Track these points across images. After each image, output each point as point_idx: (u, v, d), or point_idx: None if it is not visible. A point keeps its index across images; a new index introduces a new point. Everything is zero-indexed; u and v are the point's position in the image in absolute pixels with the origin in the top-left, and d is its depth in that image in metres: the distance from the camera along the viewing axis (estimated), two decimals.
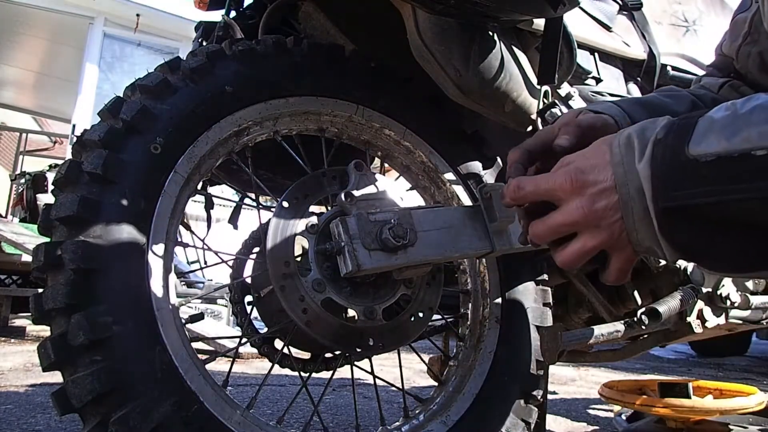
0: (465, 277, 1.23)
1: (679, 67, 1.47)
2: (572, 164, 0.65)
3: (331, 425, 1.90)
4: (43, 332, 4.05)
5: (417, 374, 3.09)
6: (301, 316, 0.95)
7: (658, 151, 0.58)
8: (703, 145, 0.56)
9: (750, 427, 1.60)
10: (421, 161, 1.20)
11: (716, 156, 0.55)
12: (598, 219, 0.62)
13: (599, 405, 2.54)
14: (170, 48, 6.84)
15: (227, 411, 0.89)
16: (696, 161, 0.56)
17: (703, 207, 0.56)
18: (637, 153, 0.59)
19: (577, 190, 0.63)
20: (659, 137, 0.59)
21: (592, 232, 0.63)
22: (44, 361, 0.81)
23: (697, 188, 0.56)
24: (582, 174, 0.63)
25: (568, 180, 0.63)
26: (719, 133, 0.55)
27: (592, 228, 0.63)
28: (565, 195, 0.64)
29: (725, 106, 0.58)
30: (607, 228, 0.62)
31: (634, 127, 0.62)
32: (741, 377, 3.75)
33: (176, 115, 0.93)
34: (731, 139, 0.54)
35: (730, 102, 0.58)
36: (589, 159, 0.64)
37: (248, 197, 1.40)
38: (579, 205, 0.62)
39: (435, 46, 1.03)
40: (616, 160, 0.61)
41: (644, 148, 0.59)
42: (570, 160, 0.66)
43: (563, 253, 0.66)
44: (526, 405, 1.14)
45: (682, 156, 0.57)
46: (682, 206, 0.57)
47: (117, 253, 0.84)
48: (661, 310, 1.23)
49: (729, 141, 0.54)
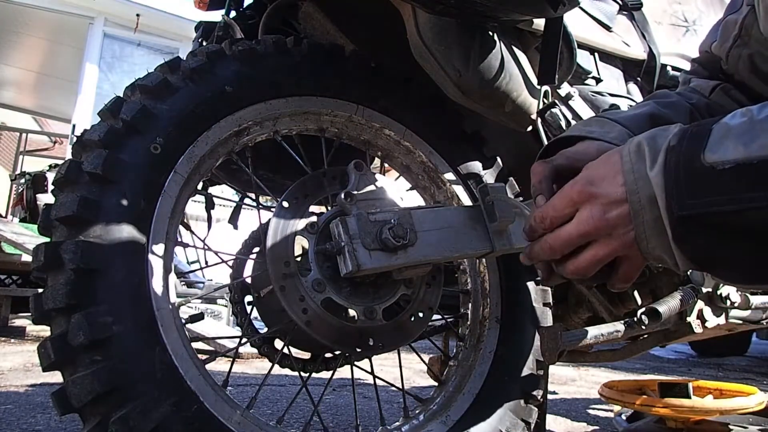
0: (465, 277, 1.23)
1: (679, 67, 1.46)
2: (583, 175, 0.64)
3: (331, 425, 1.90)
4: (43, 332, 4.05)
5: (417, 374, 3.09)
6: (301, 316, 0.95)
7: (672, 159, 0.57)
8: (720, 152, 0.54)
9: (750, 427, 1.60)
10: (421, 161, 1.20)
11: (735, 163, 0.53)
12: (610, 229, 0.61)
13: (599, 405, 2.54)
14: (170, 48, 6.84)
15: (227, 411, 0.89)
16: (713, 168, 0.54)
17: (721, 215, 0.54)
18: (648, 161, 0.59)
19: (589, 200, 0.62)
20: (672, 144, 0.58)
21: (605, 241, 0.62)
22: (44, 361, 0.81)
23: (714, 196, 0.54)
24: (592, 185, 0.63)
25: (579, 191, 0.63)
26: (736, 140, 0.54)
27: (604, 237, 0.62)
28: (576, 206, 0.64)
29: (741, 113, 0.57)
30: (619, 237, 0.61)
31: (644, 135, 0.62)
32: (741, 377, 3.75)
33: (176, 115, 0.93)
34: (749, 146, 0.53)
35: (746, 108, 0.57)
36: (600, 169, 0.63)
37: (248, 197, 1.40)
38: (590, 215, 0.62)
39: (435, 46, 1.03)
40: (626, 168, 0.60)
41: (656, 156, 0.58)
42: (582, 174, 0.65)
43: (575, 262, 0.66)
44: (526, 405, 1.14)
45: (697, 163, 0.55)
46: (698, 215, 0.55)
47: (117, 253, 0.84)
48: (661, 310, 1.23)
49: (747, 147, 0.53)
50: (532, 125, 1.20)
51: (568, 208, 0.65)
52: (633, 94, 1.37)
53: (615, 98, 1.29)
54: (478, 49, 1.04)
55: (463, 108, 1.16)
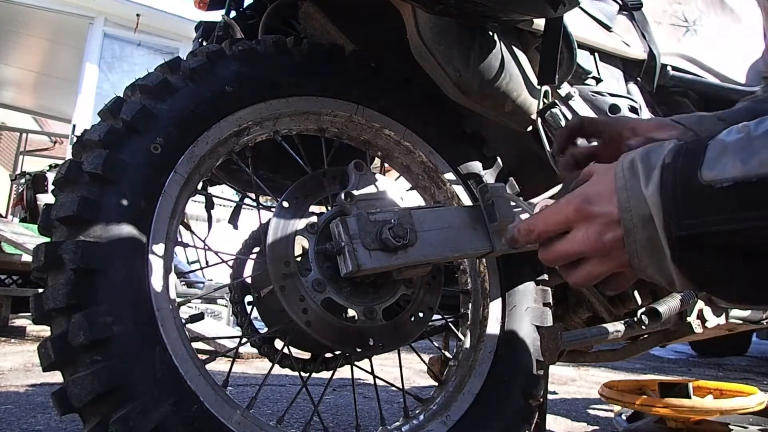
0: (465, 277, 1.23)
1: (679, 67, 1.46)
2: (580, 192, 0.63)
3: (331, 425, 1.90)
4: (44, 332, 4.05)
5: (417, 374, 3.09)
6: (301, 316, 0.95)
7: (668, 177, 0.55)
8: (717, 170, 0.53)
9: (750, 427, 1.60)
10: (421, 161, 1.20)
11: (733, 181, 0.52)
12: (606, 250, 0.61)
13: (599, 405, 2.54)
14: (170, 48, 6.84)
15: (227, 411, 0.89)
16: (711, 187, 0.53)
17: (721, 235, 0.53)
18: (642, 178, 0.57)
19: (584, 220, 0.61)
20: (667, 162, 0.56)
21: (601, 260, 0.62)
22: (44, 361, 0.81)
23: (713, 216, 0.53)
24: (589, 204, 0.61)
25: (576, 210, 0.62)
26: (734, 157, 0.53)
27: (599, 257, 0.62)
28: (572, 224, 0.63)
29: (737, 129, 0.55)
30: (616, 258, 0.61)
31: (638, 152, 0.60)
32: (741, 377, 3.75)
33: (176, 115, 0.93)
34: (747, 163, 0.52)
35: (742, 124, 0.56)
36: (597, 186, 0.62)
37: (248, 197, 1.40)
38: (585, 236, 0.61)
39: (435, 46, 1.03)
40: (619, 184, 0.59)
41: (650, 173, 0.57)
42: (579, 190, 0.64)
43: (573, 275, 0.65)
44: (526, 405, 1.14)
45: (694, 181, 0.54)
46: (698, 234, 0.54)
47: (117, 253, 0.84)
48: (661, 310, 1.23)
49: (745, 165, 0.52)
50: (532, 125, 1.20)
51: (561, 225, 0.64)
52: (633, 94, 1.36)
53: (615, 98, 1.29)
54: (478, 49, 1.04)
55: (463, 108, 1.16)
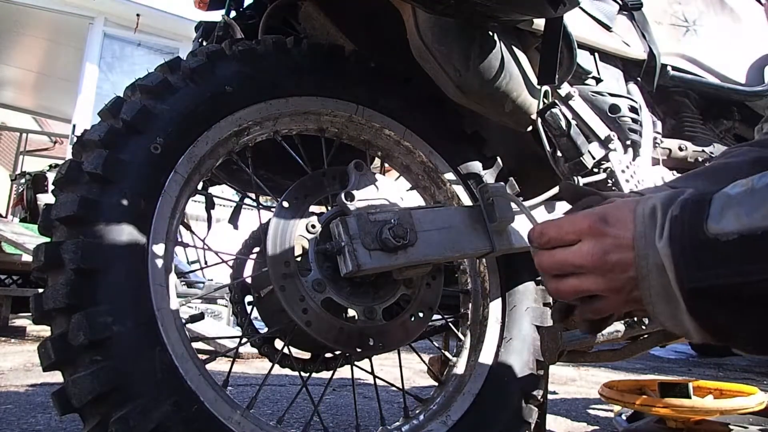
0: (465, 277, 1.23)
1: (679, 67, 1.46)
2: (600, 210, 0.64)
3: (331, 425, 1.90)
4: (44, 332, 4.05)
5: (417, 374, 3.09)
6: (301, 316, 0.95)
7: (676, 230, 0.57)
8: (722, 224, 0.54)
9: (750, 427, 1.60)
10: (421, 161, 1.20)
11: (738, 234, 0.53)
12: (606, 270, 0.61)
13: (599, 405, 2.54)
14: (170, 48, 6.83)
15: (227, 411, 0.89)
16: (717, 240, 0.54)
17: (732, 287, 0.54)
18: (658, 228, 0.58)
19: (594, 235, 0.62)
20: (675, 214, 0.58)
21: (595, 278, 0.63)
22: (44, 361, 0.81)
23: (721, 269, 0.54)
24: (604, 222, 0.62)
25: (590, 225, 0.63)
26: (738, 210, 0.54)
27: (597, 274, 0.62)
28: (583, 238, 0.64)
29: (741, 183, 0.57)
30: (612, 280, 0.61)
31: (661, 197, 0.61)
32: (741, 377, 3.75)
33: (176, 115, 0.93)
34: (752, 216, 0.53)
35: (747, 179, 0.57)
36: (617, 210, 0.63)
37: (248, 197, 1.40)
38: (591, 251, 0.62)
39: (435, 46, 1.03)
40: (638, 230, 0.60)
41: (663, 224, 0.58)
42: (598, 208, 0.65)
43: (559, 284, 0.66)
44: (526, 405, 1.14)
45: (701, 235, 0.55)
46: (710, 286, 0.55)
47: (117, 253, 0.84)
48: None
49: (749, 218, 0.53)
50: (532, 125, 1.20)
51: (572, 235, 0.65)
52: (633, 94, 1.36)
53: (615, 98, 1.29)
54: (478, 49, 1.04)
55: (463, 108, 1.16)
